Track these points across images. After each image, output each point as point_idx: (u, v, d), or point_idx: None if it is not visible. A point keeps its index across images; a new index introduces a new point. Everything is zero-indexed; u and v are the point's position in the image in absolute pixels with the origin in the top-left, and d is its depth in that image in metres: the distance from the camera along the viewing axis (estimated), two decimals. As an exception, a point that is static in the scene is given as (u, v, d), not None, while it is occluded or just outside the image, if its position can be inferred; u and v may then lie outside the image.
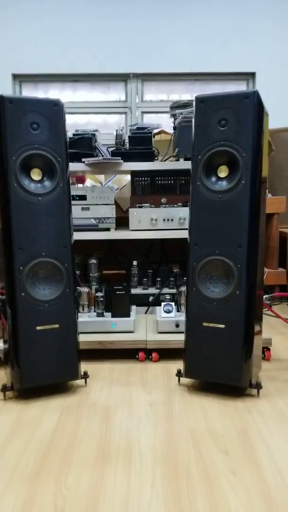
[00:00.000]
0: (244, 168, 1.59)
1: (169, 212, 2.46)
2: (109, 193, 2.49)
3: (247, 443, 1.37)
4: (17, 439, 1.41)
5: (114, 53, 4.11)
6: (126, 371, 1.95)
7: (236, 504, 1.09)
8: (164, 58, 4.13)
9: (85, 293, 2.23)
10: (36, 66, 4.11)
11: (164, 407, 1.61)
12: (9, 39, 4.09)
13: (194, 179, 1.67)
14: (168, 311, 2.14)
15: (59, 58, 4.11)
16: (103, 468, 1.25)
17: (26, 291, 1.64)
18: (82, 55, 4.10)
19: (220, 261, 1.63)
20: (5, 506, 1.10)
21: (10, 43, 4.10)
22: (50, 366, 1.68)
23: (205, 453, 1.31)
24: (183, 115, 2.49)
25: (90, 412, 1.58)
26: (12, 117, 1.60)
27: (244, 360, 1.63)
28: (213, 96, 1.62)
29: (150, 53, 4.13)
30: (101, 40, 4.10)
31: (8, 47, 4.10)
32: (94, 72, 4.14)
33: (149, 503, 1.10)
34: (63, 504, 1.10)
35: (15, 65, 4.10)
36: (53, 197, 1.67)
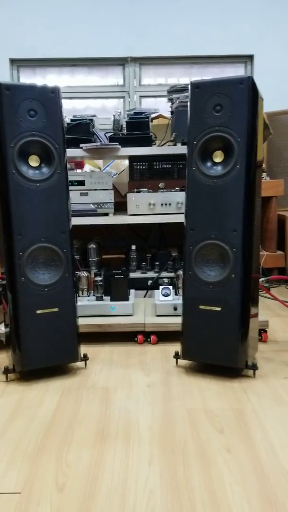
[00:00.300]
0: (239, 153, 1.61)
1: (166, 196, 2.49)
2: (107, 178, 2.51)
3: (242, 422, 1.41)
4: (19, 419, 1.45)
5: (112, 37, 4.09)
6: (125, 353, 1.99)
7: (230, 480, 1.14)
8: (162, 41, 4.11)
9: (84, 277, 2.27)
10: (33, 50, 4.09)
11: (162, 388, 1.65)
12: (6, 24, 4.07)
13: (190, 164, 1.68)
14: (166, 295, 2.18)
15: (56, 43, 4.09)
16: (102, 446, 1.29)
17: (26, 276, 1.67)
18: (79, 39, 4.08)
19: (216, 245, 1.66)
20: (8, 483, 1.14)
21: (7, 27, 4.08)
22: (51, 349, 1.72)
23: (202, 432, 1.36)
24: (180, 100, 2.50)
25: (90, 393, 1.62)
26: (9, 104, 1.62)
27: (240, 342, 1.67)
28: (208, 81, 1.64)
29: (147, 36, 4.11)
30: (99, 24, 4.07)
31: (5, 32, 4.08)
32: (92, 56, 4.12)
33: (146, 478, 1.15)
34: (64, 480, 1.15)
35: (13, 50, 4.09)
36: (51, 183, 1.69)
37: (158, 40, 4.11)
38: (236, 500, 1.06)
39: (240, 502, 1.06)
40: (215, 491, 1.09)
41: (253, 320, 1.75)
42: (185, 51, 4.09)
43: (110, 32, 4.09)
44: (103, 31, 4.09)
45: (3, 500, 1.08)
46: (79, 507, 1.05)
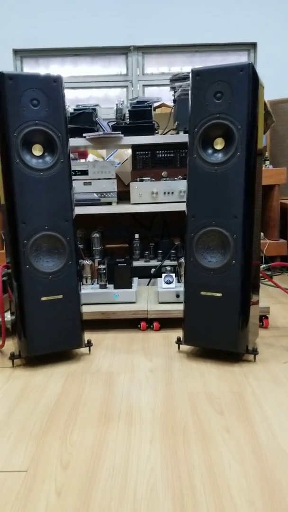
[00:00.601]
0: (239, 140, 1.63)
1: (169, 185, 2.51)
2: (110, 167, 2.53)
3: (242, 404, 1.44)
4: (25, 402, 1.49)
5: (114, 26, 4.09)
6: (128, 340, 2.02)
7: (229, 458, 1.17)
8: (165, 30, 4.11)
9: (88, 265, 2.30)
10: (36, 41, 4.10)
11: (164, 372, 1.69)
12: (9, 14, 4.08)
13: (191, 151, 1.71)
14: (169, 282, 2.21)
15: (59, 33, 4.09)
16: (105, 427, 1.33)
17: (30, 263, 1.70)
18: (82, 29, 4.09)
19: (217, 232, 1.69)
20: (14, 462, 1.18)
21: (10, 18, 4.08)
22: (55, 335, 1.75)
23: (202, 414, 1.39)
24: (182, 88, 2.51)
25: (94, 377, 1.66)
26: (12, 94, 1.64)
27: (241, 327, 1.70)
28: (208, 69, 1.65)
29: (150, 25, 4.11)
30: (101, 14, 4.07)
31: (9, 22, 4.09)
32: (95, 45, 4.13)
33: (148, 457, 1.18)
34: (68, 459, 1.18)
35: (16, 40, 4.10)
36: (54, 172, 1.72)
37: (161, 29, 4.11)
38: (234, 476, 1.10)
39: (238, 478, 1.09)
40: (213, 469, 1.13)
41: (254, 306, 1.78)
42: (188, 40, 4.08)
43: (112, 21, 4.08)
44: (106, 20, 4.09)
45: (10, 478, 1.12)
46: (82, 484, 1.09)
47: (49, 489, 1.07)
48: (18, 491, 1.07)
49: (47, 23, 4.09)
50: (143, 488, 1.07)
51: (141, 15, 4.09)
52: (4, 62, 4.07)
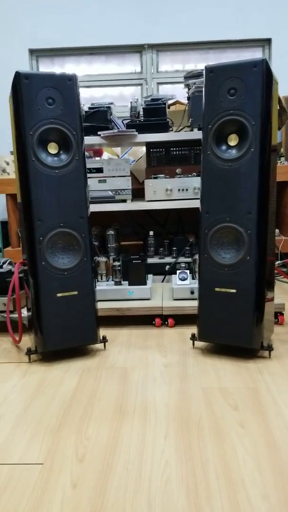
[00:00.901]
0: (253, 136, 1.63)
1: (183, 182, 2.51)
2: (124, 165, 2.55)
3: (256, 400, 1.45)
4: (41, 396, 1.51)
5: (128, 25, 4.10)
6: (143, 336, 2.04)
7: (243, 452, 1.18)
8: (178, 27, 4.10)
9: (103, 262, 2.31)
10: (52, 40, 4.13)
11: (178, 368, 1.70)
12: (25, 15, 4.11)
13: (205, 148, 1.71)
14: (183, 279, 2.21)
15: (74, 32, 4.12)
16: (120, 422, 1.34)
17: (46, 260, 1.72)
18: (96, 28, 4.10)
19: (231, 228, 1.69)
20: (31, 454, 1.20)
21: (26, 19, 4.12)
22: (71, 331, 1.77)
23: (216, 409, 1.40)
24: (196, 85, 2.51)
25: (109, 373, 1.67)
26: (28, 93, 1.66)
27: (255, 323, 1.70)
28: (222, 65, 1.65)
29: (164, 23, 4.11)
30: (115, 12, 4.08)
31: (24, 23, 4.12)
32: (109, 44, 4.14)
33: (162, 451, 1.20)
34: (84, 452, 1.20)
35: (32, 40, 4.13)
36: (70, 170, 1.74)
37: (174, 26, 4.11)
38: (248, 470, 1.10)
39: (252, 472, 1.10)
40: (228, 463, 1.14)
41: (269, 303, 1.78)
42: (202, 37, 4.07)
43: (126, 20, 4.09)
44: (120, 19, 4.10)
45: (27, 470, 1.14)
46: (97, 476, 1.11)
47: (65, 482, 1.09)
48: (34, 483, 1.09)
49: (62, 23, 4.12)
50: (158, 481, 1.08)
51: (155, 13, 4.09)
52: (20, 62, 4.11)
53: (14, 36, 4.15)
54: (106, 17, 4.12)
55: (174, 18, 4.13)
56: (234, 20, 4.10)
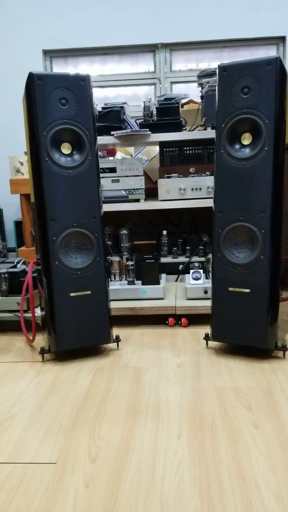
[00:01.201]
0: (267, 135, 1.61)
1: (197, 181, 2.50)
2: (138, 164, 2.55)
3: (270, 400, 1.44)
4: (54, 396, 1.52)
5: (142, 24, 4.09)
6: (156, 335, 2.03)
7: (257, 453, 1.17)
8: (192, 26, 4.09)
9: (116, 262, 2.32)
10: (65, 41, 4.14)
11: (191, 368, 1.69)
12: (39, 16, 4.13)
13: (218, 147, 1.70)
14: (197, 278, 2.21)
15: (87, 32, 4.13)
16: (133, 421, 1.34)
17: (59, 260, 1.73)
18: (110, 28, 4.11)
19: (244, 227, 1.68)
20: (44, 454, 1.21)
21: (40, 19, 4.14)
22: (84, 331, 1.78)
23: (230, 409, 1.39)
24: (210, 84, 2.50)
25: (122, 372, 1.68)
26: (41, 93, 1.67)
27: (270, 323, 1.69)
28: (235, 64, 1.65)
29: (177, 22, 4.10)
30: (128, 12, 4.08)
31: (38, 24, 4.14)
32: (122, 44, 4.14)
33: (175, 451, 1.19)
34: (97, 452, 1.20)
35: (45, 41, 4.15)
36: (83, 170, 1.74)
37: (188, 25, 4.10)
38: (262, 471, 1.10)
39: (265, 473, 1.09)
40: (241, 463, 1.13)
41: (284, 303, 1.77)
42: (216, 35, 4.05)
43: (140, 19, 4.09)
44: (133, 18, 4.10)
45: (40, 469, 1.15)
46: (110, 476, 1.11)
47: (77, 481, 1.09)
48: (47, 482, 1.09)
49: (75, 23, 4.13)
50: (171, 481, 1.08)
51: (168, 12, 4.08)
52: (34, 63, 4.13)
53: (28, 37, 4.18)
54: (119, 17, 4.13)
55: (188, 17, 4.12)
56: (248, 18, 4.08)
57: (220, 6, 4.09)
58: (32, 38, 4.18)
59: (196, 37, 4.14)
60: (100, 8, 4.13)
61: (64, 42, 4.19)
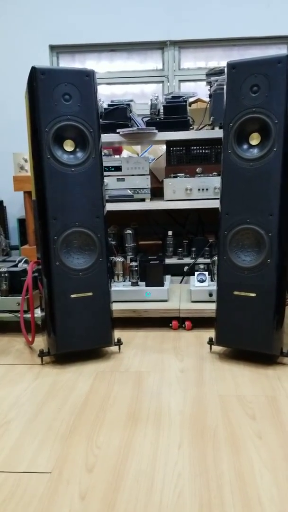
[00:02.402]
0: (276, 135, 1.56)
1: (204, 181, 2.45)
2: (144, 163, 2.50)
3: (275, 409, 1.39)
4: (53, 400, 1.47)
5: (150, 21, 4.04)
6: (160, 338, 1.99)
7: (260, 465, 1.12)
8: (201, 23, 4.03)
9: (120, 262, 2.27)
10: (72, 36, 4.10)
11: (195, 373, 1.64)
12: (46, 10, 4.09)
13: (226, 147, 1.65)
14: (202, 281, 2.16)
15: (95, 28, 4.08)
16: (133, 429, 1.30)
17: (60, 260, 1.68)
18: (118, 24, 4.06)
19: (251, 230, 1.63)
20: (39, 462, 1.17)
21: (47, 14, 4.09)
22: (85, 333, 1.73)
23: (233, 418, 1.34)
24: (219, 82, 2.45)
25: (123, 377, 1.63)
26: (44, 88, 1.62)
27: (275, 328, 1.64)
28: (244, 61, 1.59)
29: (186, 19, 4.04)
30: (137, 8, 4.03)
31: (45, 18, 4.10)
32: (131, 41, 4.09)
33: (175, 462, 1.15)
34: (94, 461, 1.16)
35: (52, 36, 4.10)
36: (86, 168, 1.70)
37: (197, 23, 4.04)
38: (265, 486, 1.05)
39: (269, 488, 1.04)
40: (244, 477, 1.08)
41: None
42: (226, 33, 3.99)
43: (148, 16, 4.04)
44: (142, 15, 4.05)
45: (34, 479, 1.10)
46: (107, 488, 1.06)
47: (73, 493, 1.05)
48: (41, 493, 1.05)
49: (83, 18, 4.08)
50: (170, 494, 1.04)
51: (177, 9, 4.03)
52: (41, 58, 4.08)
53: (35, 32, 4.13)
54: (127, 13, 4.08)
55: (197, 14, 4.06)
56: (259, 17, 4.02)
57: (231, 4, 4.03)
58: (39, 33, 4.14)
59: (205, 34, 4.09)
60: (109, 4, 4.08)
61: (71, 38, 4.14)
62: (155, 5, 4.06)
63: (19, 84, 4.02)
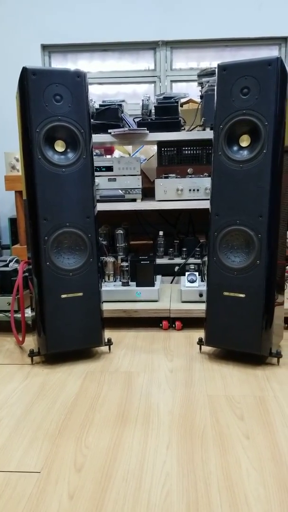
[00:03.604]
0: (266, 137, 1.58)
1: (194, 182, 2.47)
2: (135, 163, 2.51)
3: (263, 409, 1.40)
4: (42, 400, 1.48)
5: (143, 21, 4.04)
6: (150, 339, 2.00)
7: (247, 465, 1.13)
8: (193, 23, 4.04)
9: (110, 262, 2.28)
10: (65, 36, 4.09)
11: (184, 373, 1.65)
12: (38, 9, 4.08)
13: (216, 148, 1.66)
14: (192, 281, 2.17)
15: (87, 28, 4.07)
16: (122, 429, 1.30)
17: (51, 260, 1.69)
18: (110, 24, 4.06)
19: (241, 231, 1.64)
20: (29, 462, 1.17)
21: (39, 13, 4.08)
22: (75, 333, 1.74)
23: (221, 418, 1.35)
24: (210, 83, 2.46)
25: (113, 377, 1.64)
26: (35, 89, 1.62)
27: (264, 329, 1.65)
28: (235, 63, 1.60)
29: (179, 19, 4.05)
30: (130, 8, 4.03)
31: (37, 17, 4.09)
32: (123, 40, 4.09)
33: (164, 462, 1.15)
34: (83, 461, 1.16)
35: (44, 35, 4.09)
36: (77, 168, 1.70)
37: (190, 23, 4.05)
38: (252, 485, 1.06)
39: (256, 487, 1.05)
40: (231, 476, 1.09)
41: (279, 307, 1.73)
42: (218, 34, 4.00)
43: (140, 16, 4.04)
44: (134, 15, 4.05)
45: (23, 479, 1.11)
46: (96, 487, 1.07)
47: (61, 492, 1.05)
48: (30, 492, 1.06)
49: (75, 18, 4.08)
50: (158, 494, 1.04)
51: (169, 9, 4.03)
52: (33, 57, 4.07)
53: (26, 31, 4.12)
54: (120, 13, 4.08)
55: (190, 14, 4.07)
56: (251, 18, 4.03)
57: (223, 5, 4.04)
58: (31, 33, 4.13)
59: (197, 35, 4.10)
60: (101, 3, 4.08)
61: (64, 37, 4.13)
62: (148, 5, 4.06)
63: (10, 83, 4.01)
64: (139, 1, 4.05)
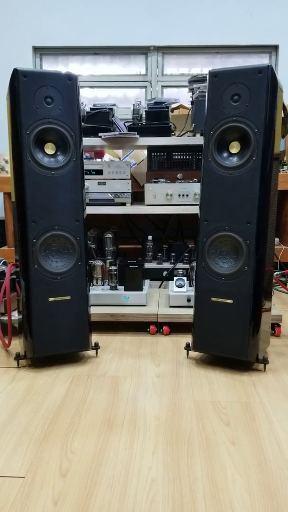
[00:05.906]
0: (255, 144, 1.58)
1: (184, 187, 2.47)
2: (125, 168, 2.51)
3: (249, 415, 1.40)
4: (28, 405, 1.47)
5: (135, 26, 4.06)
6: (137, 343, 1.99)
7: (233, 471, 1.13)
8: (185, 30, 4.06)
9: (99, 266, 2.27)
10: (56, 38, 4.09)
11: (171, 378, 1.65)
12: (29, 11, 4.07)
13: (206, 154, 1.67)
14: (180, 286, 2.17)
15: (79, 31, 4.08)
16: (108, 435, 1.30)
17: (39, 263, 1.68)
18: (102, 28, 4.07)
19: (230, 237, 1.65)
20: (13, 466, 1.16)
21: (30, 15, 4.08)
22: (62, 337, 1.73)
23: (207, 424, 1.35)
24: (201, 90, 2.47)
25: (99, 381, 1.63)
26: (26, 91, 1.62)
27: (251, 335, 1.66)
28: (226, 70, 1.61)
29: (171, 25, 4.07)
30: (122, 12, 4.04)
31: (29, 20, 4.08)
32: (114, 45, 4.10)
33: (149, 468, 1.15)
34: (68, 466, 1.16)
35: (36, 38, 4.09)
36: (66, 171, 1.70)
37: (181, 29, 4.07)
38: (237, 492, 1.06)
39: (241, 493, 1.05)
40: (216, 482, 1.09)
41: (266, 314, 1.74)
42: (209, 41, 4.03)
43: (133, 21, 4.06)
44: (126, 19, 4.06)
45: (7, 483, 1.10)
46: (80, 493, 1.06)
47: (46, 497, 1.05)
48: (14, 497, 1.04)
49: (67, 21, 4.08)
50: (143, 500, 1.04)
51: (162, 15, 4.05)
52: (24, 59, 4.07)
53: (18, 33, 4.12)
54: (112, 17, 4.09)
55: (182, 20, 4.09)
56: (242, 25, 4.07)
57: (215, 12, 4.07)
58: (22, 35, 4.13)
59: (189, 41, 4.12)
60: (93, 7, 4.09)
61: (55, 40, 4.13)
62: (140, 10, 4.08)
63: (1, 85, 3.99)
64: (132, 6, 4.06)
